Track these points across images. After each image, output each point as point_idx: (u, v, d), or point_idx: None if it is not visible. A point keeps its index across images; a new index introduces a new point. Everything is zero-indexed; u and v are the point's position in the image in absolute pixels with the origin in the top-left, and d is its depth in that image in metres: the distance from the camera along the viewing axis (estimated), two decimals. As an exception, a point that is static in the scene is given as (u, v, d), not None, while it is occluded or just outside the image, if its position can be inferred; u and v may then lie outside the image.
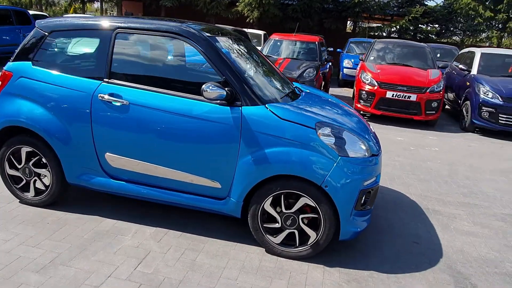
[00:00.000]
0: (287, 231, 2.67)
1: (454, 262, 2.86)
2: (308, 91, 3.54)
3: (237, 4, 16.10)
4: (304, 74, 7.41)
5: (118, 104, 2.71)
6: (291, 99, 2.95)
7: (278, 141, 2.52)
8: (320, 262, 2.69)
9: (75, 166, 2.93)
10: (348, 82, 11.83)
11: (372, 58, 8.13)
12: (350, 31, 18.38)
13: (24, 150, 3.01)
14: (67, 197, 3.30)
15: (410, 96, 7.04)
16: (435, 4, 16.28)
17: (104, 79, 2.78)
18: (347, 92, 11.14)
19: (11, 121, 2.92)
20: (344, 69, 11.92)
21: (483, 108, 6.97)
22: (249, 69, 2.96)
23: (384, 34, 16.85)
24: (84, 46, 2.91)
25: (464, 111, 7.52)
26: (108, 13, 35.58)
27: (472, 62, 7.97)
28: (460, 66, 8.02)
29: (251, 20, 15.82)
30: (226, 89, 2.51)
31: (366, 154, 2.63)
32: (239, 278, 2.45)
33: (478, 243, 3.17)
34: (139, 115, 2.69)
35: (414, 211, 3.66)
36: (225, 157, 2.62)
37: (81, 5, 21.81)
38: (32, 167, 3.04)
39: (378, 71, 7.44)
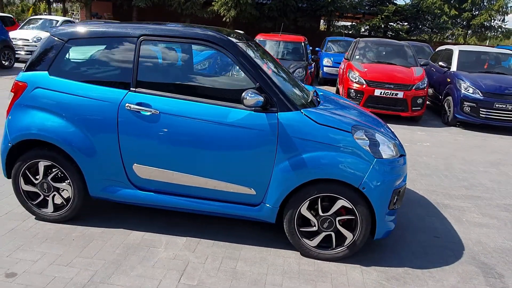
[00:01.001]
0: (323, 234, 2.70)
1: (476, 253, 3.00)
2: (321, 93, 3.59)
3: (212, 3, 15.97)
4: (294, 74, 7.49)
5: (148, 113, 2.64)
6: (316, 103, 2.98)
7: (316, 146, 2.55)
8: (355, 262, 2.75)
9: (99, 178, 2.82)
10: (328, 80, 12.06)
11: (357, 57, 8.34)
12: (325, 29, 18.74)
13: (42, 164, 2.87)
14: (85, 211, 3.17)
15: (397, 94, 7.28)
16: (404, 3, 16.95)
17: (131, 88, 2.69)
18: (329, 90, 11.33)
19: (28, 134, 2.77)
20: (324, 68, 12.13)
21: (464, 103, 7.33)
22: (276, 74, 2.97)
23: (358, 32, 17.29)
24: (105, 55, 2.80)
25: (446, 106, 7.87)
26: (71, 14, 34.21)
27: (450, 59, 8.35)
28: (440, 63, 8.38)
29: (227, 20, 15.75)
30: (262, 95, 2.51)
31: (396, 155, 2.71)
32: (284, 283, 2.47)
33: (491, 233, 3.35)
34: (171, 124, 2.63)
35: (426, 206, 3.81)
36: (261, 163, 2.61)
37: (46, 6, 20.82)
38: (51, 181, 2.90)
39: (365, 69, 7.65)
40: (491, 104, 7.11)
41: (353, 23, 18.86)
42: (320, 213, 2.66)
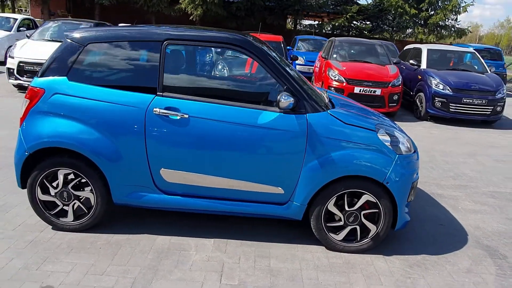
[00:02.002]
0: (349, 228, 2.85)
1: (479, 237, 3.29)
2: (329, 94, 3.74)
3: (180, 1, 15.73)
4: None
5: (177, 117, 2.64)
6: (333, 104, 3.12)
7: (344, 144, 2.68)
8: (377, 252, 2.92)
9: (123, 185, 2.78)
10: (301, 78, 12.31)
11: (335, 55, 8.62)
12: (291, 28, 19.07)
13: (62, 172, 2.78)
14: (104, 218, 3.10)
15: (376, 91, 7.64)
16: (366, 3, 17.69)
17: (157, 93, 2.68)
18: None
19: (48, 142, 2.67)
20: (297, 66, 12.37)
21: (436, 98, 7.83)
22: (296, 76, 3.06)
23: (323, 31, 17.78)
24: (127, 59, 2.76)
25: (418, 101, 8.36)
26: (19, 11, 32.17)
27: (419, 57, 8.87)
28: (411, 61, 8.87)
29: (194, 18, 15.58)
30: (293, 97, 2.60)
31: (411, 150, 2.91)
32: (319, 277, 2.58)
33: (486, 219, 3.67)
34: (200, 127, 2.65)
35: (423, 196, 4.08)
36: (291, 163, 2.71)
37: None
38: (71, 190, 2.82)
39: (344, 68, 7.94)
40: (460, 99, 7.66)
41: (320, 22, 19.35)
42: (346, 208, 2.81)
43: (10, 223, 2.96)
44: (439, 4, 17.58)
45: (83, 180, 2.81)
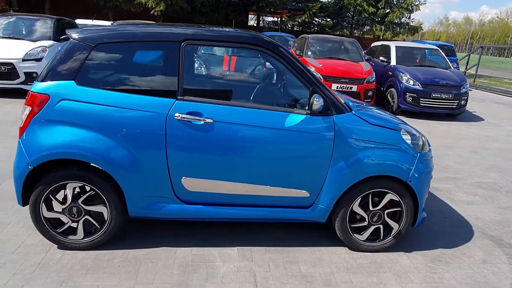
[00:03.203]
0: (372, 227, 2.86)
1: (482, 228, 3.46)
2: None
3: (140, -5, 15.10)
4: (255, 71, 7.53)
5: (201, 122, 2.49)
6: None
7: (370, 145, 2.67)
8: (397, 250, 2.96)
9: (141, 196, 2.58)
10: (270, 75, 12.33)
11: (309, 53, 8.70)
12: (255, 24, 19.01)
13: (71, 186, 2.52)
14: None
15: (352, 87, 7.81)
16: (327, 0, 17.95)
17: (178, 97, 2.50)
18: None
19: (56, 154, 2.41)
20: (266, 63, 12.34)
21: (407, 94, 8.16)
22: (318, 78, 3.01)
23: (286, 27, 17.92)
24: (143, 60, 2.55)
25: (389, 97, 8.67)
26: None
27: (388, 54, 9.19)
28: (381, 58, 9.16)
29: (156, 13, 15.03)
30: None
31: (427, 149, 2.98)
32: (353, 279, 2.57)
33: (482, 209, 3.87)
34: (225, 132, 2.52)
35: (421, 190, 4.22)
36: (317, 165, 2.66)
37: None
38: (82, 205, 2.57)
39: (320, 65, 8.03)
40: (429, 94, 8.04)
41: (280, 19, 19.47)
42: (371, 208, 2.81)
43: (7, 244, 2.65)
44: (395, 2, 18.48)
45: (92, 193, 2.57)
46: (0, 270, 2.38)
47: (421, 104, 8.11)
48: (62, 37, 8.11)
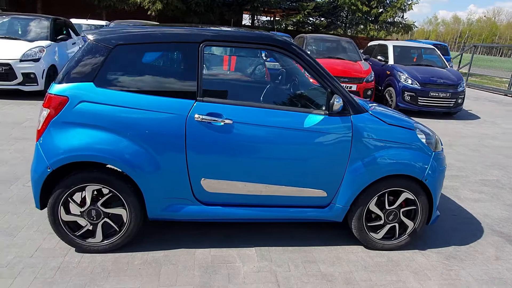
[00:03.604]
0: (388, 226, 2.89)
1: (490, 225, 3.52)
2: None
3: (134, -5, 14.98)
4: (256, 71, 7.54)
5: (221, 123, 2.49)
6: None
7: (387, 144, 2.70)
8: (412, 248, 3.00)
9: (160, 198, 2.58)
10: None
11: (308, 52, 8.71)
12: (250, 24, 18.99)
13: (90, 188, 2.50)
14: (129, 234, 2.85)
15: (352, 87, 7.87)
16: (321, 0, 18.04)
17: (197, 98, 2.50)
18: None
19: (77, 156, 2.39)
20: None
21: (405, 92, 8.24)
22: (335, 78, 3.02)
23: (281, 27, 17.96)
24: (161, 61, 2.54)
25: (387, 96, 8.75)
26: None
27: (386, 53, 9.27)
28: (379, 57, 9.24)
29: (152, 13, 14.94)
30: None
31: (440, 148, 3.02)
32: (372, 278, 2.59)
33: (488, 206, 3.93)
34: (245, 133, 2.52)
35: (427, 188, 4.27)
36: (335, 165, 2.68)
37: None
38: (101, 207, 2.55)
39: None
40: (427, 93, 8.13)
41: (273, 18, 19.49)
42: (387, 206, 2.84)
43: (24, 249, 2.62)
44: (388, 2, 18.65)
45: (111, 195, 2.55)
46: (19, 275, 2.35)
47: (419, 103, 8.20)
48: (59, 37, 8.02)
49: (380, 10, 18.34)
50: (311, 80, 2.91)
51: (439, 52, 9.58)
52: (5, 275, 2.34)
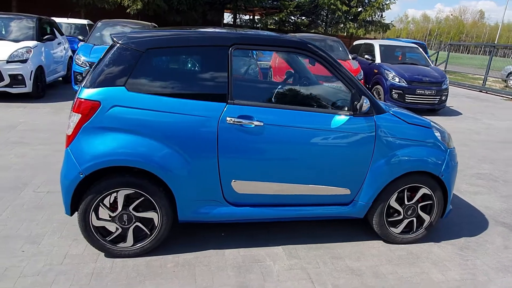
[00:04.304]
0: (406, 221, 3.02)
1: (493, 216, 3.72)
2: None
3: (115, -7, 14.64)
4: (249, 70, 7.58)
5: (252, 126, 2.53)
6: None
7: (407, 142, 2.82)
8: (427, 241, 3.14)
9: (191, 200, 2.59)
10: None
11: (298, 52, 8.82)
12: (232, 22, 18.95)
13: (122, 193, 2.49)
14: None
15: (343, 85, 8.03)
16: (302, -2, 18.36)
17: (228, 101, 2.53)
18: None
19: (112, 161, 2.37)
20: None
21: (393, 90, 8.50)
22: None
23: (266, 25, 18.03)
24: (192, 65, 2.55)
25: (375, 93, 8.98)
26: None
27: (372, 52, 9.52)
28: (366, 56, 9.47)
29: (132, 12, 14.65)
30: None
31: (453, 144, 3.17)
32: (398, 270, 2.71)
33: (487, 199, 4.15)
34: (275, 134, 2.58)
35: (429, 183, 4.46)
36: (360, 164, 2.77)
37: None
38: (132, 211, 2.55)
39: (310, 64, 8.17)
40: (414, 91, 8.42)
41: (257, 17, 19.53)
42: (406, 202, 2.97)
43: (52, 256, 2.58)
44: (367, 1, 19.08)
45: (141, 199, 2.55)
46: (54, 283, 2.32)
47: (406, 100, 8.47)
48: (46, 37, 7.78)
49: (359, 9, 18.80)
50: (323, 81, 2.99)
51: (422, 50, 9.91)
52: (40, 284, 2.30)
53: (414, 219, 3.04)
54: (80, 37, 8.41)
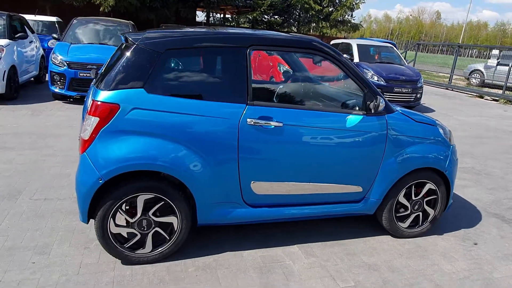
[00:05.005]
0: (413, 215, 3.14)
1: (484, 208, 3.94)
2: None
3: (84, -11, 14.08)
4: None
5: (272, 126, 2.54)
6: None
7: (416, 140, 2.93)
8: (430, 233, 3.28)
9: (211, 203, 2.57)
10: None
11: (280, 51, 8.89)
12: (205, 21, 18.75)
13: (142, 198, 2.42)
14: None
15: (325, 84, 8.18)
16: (275, -3, 18.49)
17: (248, 102, 2.52)
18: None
19: (131, 165, 2.30)
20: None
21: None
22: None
23: (238, 24, 17.95)
24: (210, 66, 2.52)
25: (354, 92, 9.22)
26: None
27: (350, 51, 9.75)
28: (345, 55, 9.66)
29: (104, 9, 14.15)
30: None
31: (453, 141, 3.33)
32: (410, 264, 2.82)
33: (475, 191, 4.39)
34: (294, 135, 2.60)
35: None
36: (372, 162, 2.85)
37: None
38: (152, 216, 2.48)
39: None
40: (392, 89, 8.72)
41: (228, 16, 19.44)
42: (413, 197, 3.09)
43: (66, 266, 2.46)
44: (338, 1, 19.52)
45: (161, 203, 2.49)
46: (75, 294, 2.23)
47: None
48: (18, 35, 7.37)
49: (331, 9, 19.21)
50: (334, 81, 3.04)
51: (397, 50, 10.27)
52: (60, 296, 2.20)
53: (420, 213, 3.16)
54: (55, 35, 8.01)
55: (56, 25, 11.29)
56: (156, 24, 15.50)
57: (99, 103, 2.29)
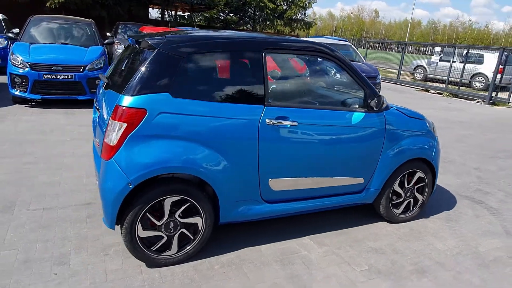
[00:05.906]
0: (406, 202, 3.46)
1: (456, 191, 4.39)
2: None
3: (28, -16, 13.11)
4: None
5: (288, 125, 2.68)
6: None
7: (409, 133, 3.23)
8: (418, 217, 3.62)
9: (232, 202, 2.66)
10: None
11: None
12: (160, 18, 18.23)
13: (169, 201, 2.45)
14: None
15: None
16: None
17: (266, 103, 2.64)
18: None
19: (163, 169, 2.34)
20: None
21: (335, 85, 9.18)
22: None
23: (195, 22, 17.72)
24: (228, 69, 2.59)
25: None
26: None
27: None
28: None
29: (53, 5, 13.31)
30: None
31: (437, 132, 3.69)
32: (410, 246, 3.11)
33: (445, 178, 4.85)
34: (308, 133, 2.77)
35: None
36: (372, 155, 3.10)
37: None
38: (178, 218, 2.52)
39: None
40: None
41: (180, 13, 19.13)
42: (406, 185, 3.40)
43: (91, 275, 2.43)
44: (291, 0, 20.02)
45: (187, 205, 2.54)
46: (110, 301, 2.22)
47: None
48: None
49: (285, 7, 19.67)
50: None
51: (354, 48, 10.83)
52: (96, 304, 2.19)
53: (411, 200, 3.48)
54: (11, 35, 7.46)
55: (2, 23, 10.46)
56: (108, 22, 14.88)
57: (124, 108, 2.28)
